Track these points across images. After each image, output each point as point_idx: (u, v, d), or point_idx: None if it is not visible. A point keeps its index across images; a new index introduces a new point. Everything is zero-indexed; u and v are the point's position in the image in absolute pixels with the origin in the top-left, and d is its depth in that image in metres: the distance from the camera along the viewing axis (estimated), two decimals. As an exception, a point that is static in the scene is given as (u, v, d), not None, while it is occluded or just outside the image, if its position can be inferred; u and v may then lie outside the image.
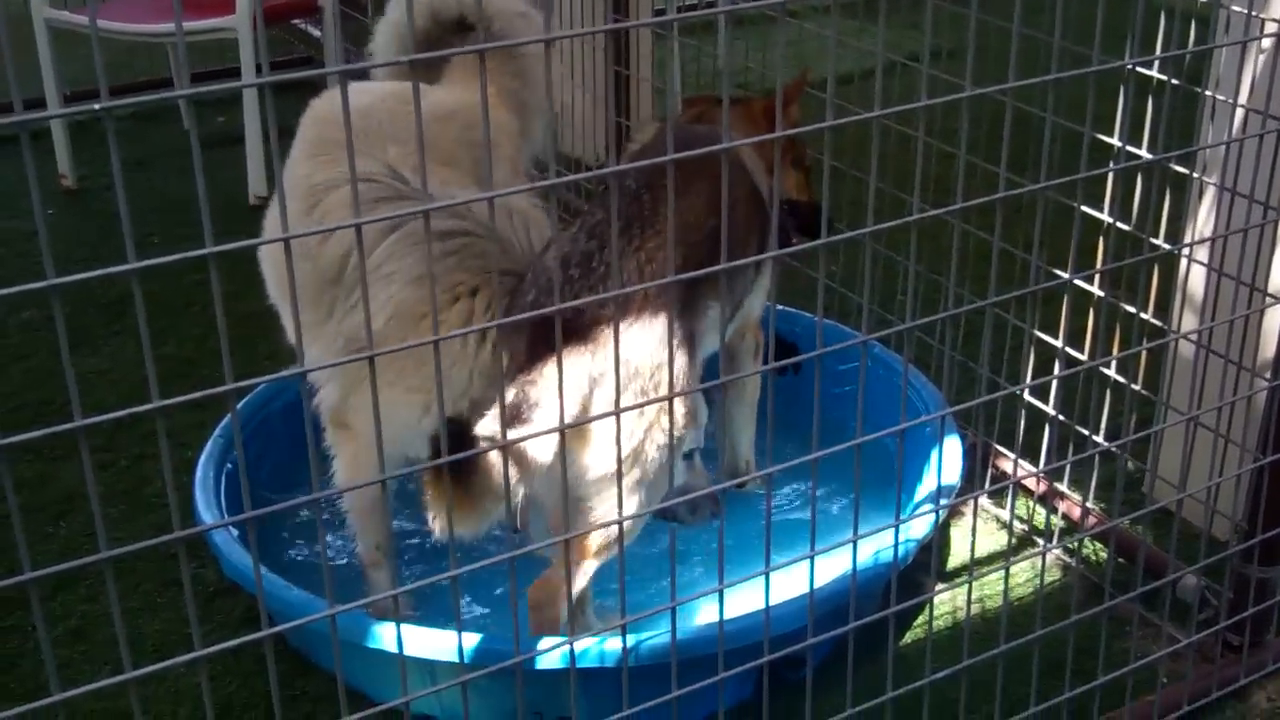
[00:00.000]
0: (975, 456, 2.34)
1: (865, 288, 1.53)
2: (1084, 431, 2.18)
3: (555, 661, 1.77)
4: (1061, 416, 2.21)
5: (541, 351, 1.73)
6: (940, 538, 2.38)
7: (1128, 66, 1.55)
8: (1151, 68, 1.89)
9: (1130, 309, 2.01)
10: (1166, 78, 1.52)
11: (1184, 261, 2.09)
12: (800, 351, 2.42)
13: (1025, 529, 2.42)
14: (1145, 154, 1.84)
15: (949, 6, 2.03)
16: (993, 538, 2.41)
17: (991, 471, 2.44)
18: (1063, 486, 2.38)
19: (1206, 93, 1.96)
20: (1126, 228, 1.96)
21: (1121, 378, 2.12)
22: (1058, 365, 2.12)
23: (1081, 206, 2.00)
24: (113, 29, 3.73)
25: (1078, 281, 2.07)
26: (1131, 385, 2.11)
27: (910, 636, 2.17)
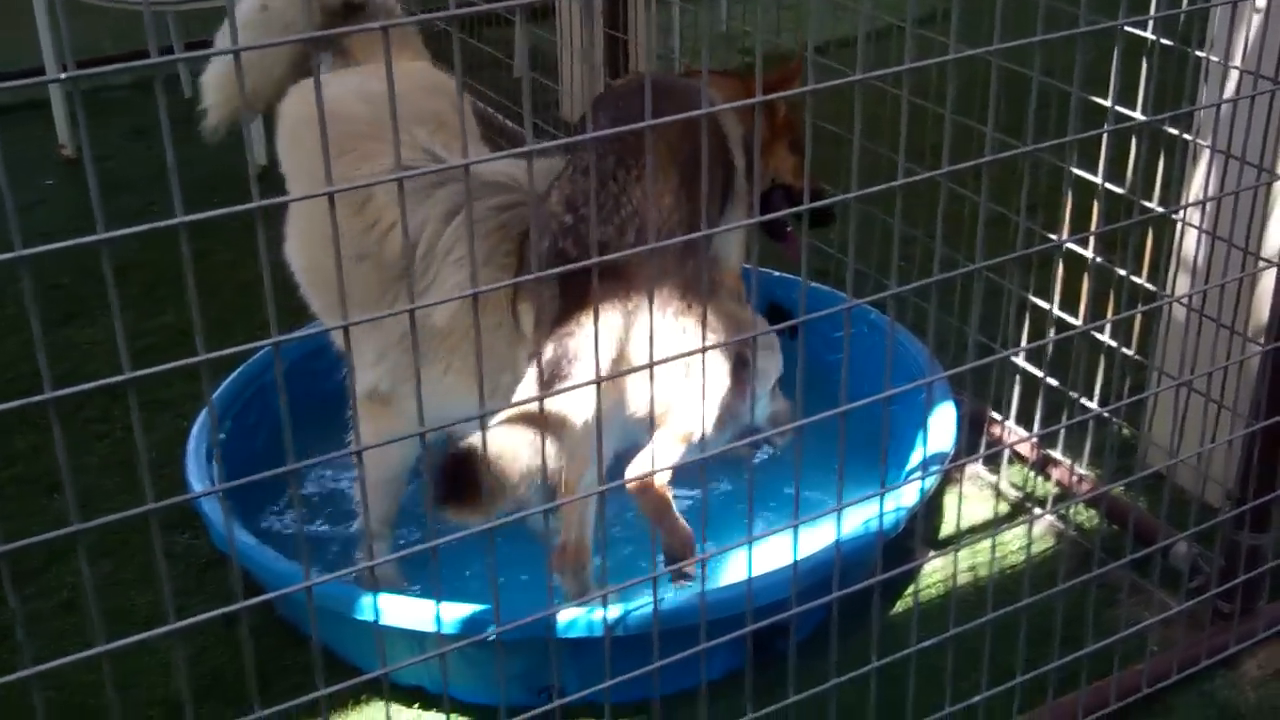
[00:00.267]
0: (968, 423, 2.33)
1: (850, 252, 1.51)
2: (1077, 397, 2.16)
3: (550, 631, 1.78)
4: (1054, 382, 2.20)
5: (572, 300, 1.69)
6: (935, 504, 2.37)
7: (1119, 27, 1.52)
8: (1145, 29, 1.86)
9: (1123, 272, 1.99)
10: (1156, 38, 1.49)
11: (1178, 225, 2.06)
12: (796, 316, 2.39)
13: (1019, 496, 2.41)
14: (1138, 116, 1.82)
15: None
16: (987, 504, 2.40)
17: (986, 438, 2.43)
18: (1056, 453, 2.36)
19: (1199, 54, 1.93)
20: (1120, 190, 1.93)
21: (1114, 342, 2.10)
22: (1051, 330, 2.10)
23: (1076, 169, 1.98)
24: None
25: (1071, 245, 2.05)
26: (1124, 350, 2.09)
27: (902, 605, 2.16)
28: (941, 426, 2.23)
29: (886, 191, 1.31)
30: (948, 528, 2.38)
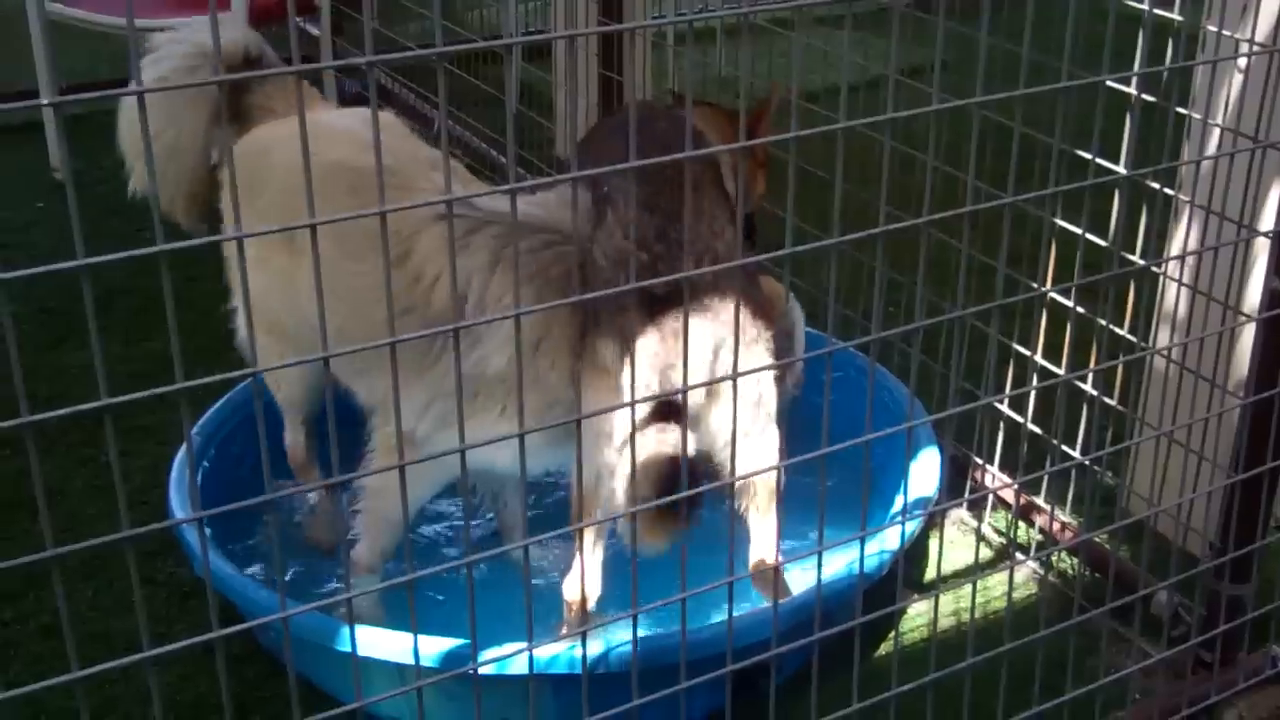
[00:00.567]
0: (952, 469, 2.35)
1: (830, 298, 1.53)
2: (1061, 446, 2.18)
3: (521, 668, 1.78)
4: (1038, 429, 2.22)
5: (658, 332, 1.75)
6: (918, 548, 2.38)
7: (1102, 83, 1.55)
8: (1129, 85, 1.90)
9: (1104, 322, 2.01)
10: (1138, 94, 1.52)
11: (1160, 279, 2.09)
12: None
13: (1002, 541, 2.42)
14: (1120, 169, 1.85)
15: (953, 24, 2.03)
16: (970, 550, 2.41)
17: (970, 484, 2.45)
18: (1039, 500, 2.38)
19: (1181, 110, 1.96)
20: (1103, 243, 1.96)
21: (1096, 392, 2.12)
22: (1034, 379, 2.12)
23: (1060, 221, 2.01)
24: (107, 23, 3.73)
25: (1055, 296, 2.08)
26: (1104, 400, 2.11)
27: (884, 648, 2.17)
28: (925, 471, 2.24)
29: (871, 237, 1.33)
30: (930, 572, 2.39)
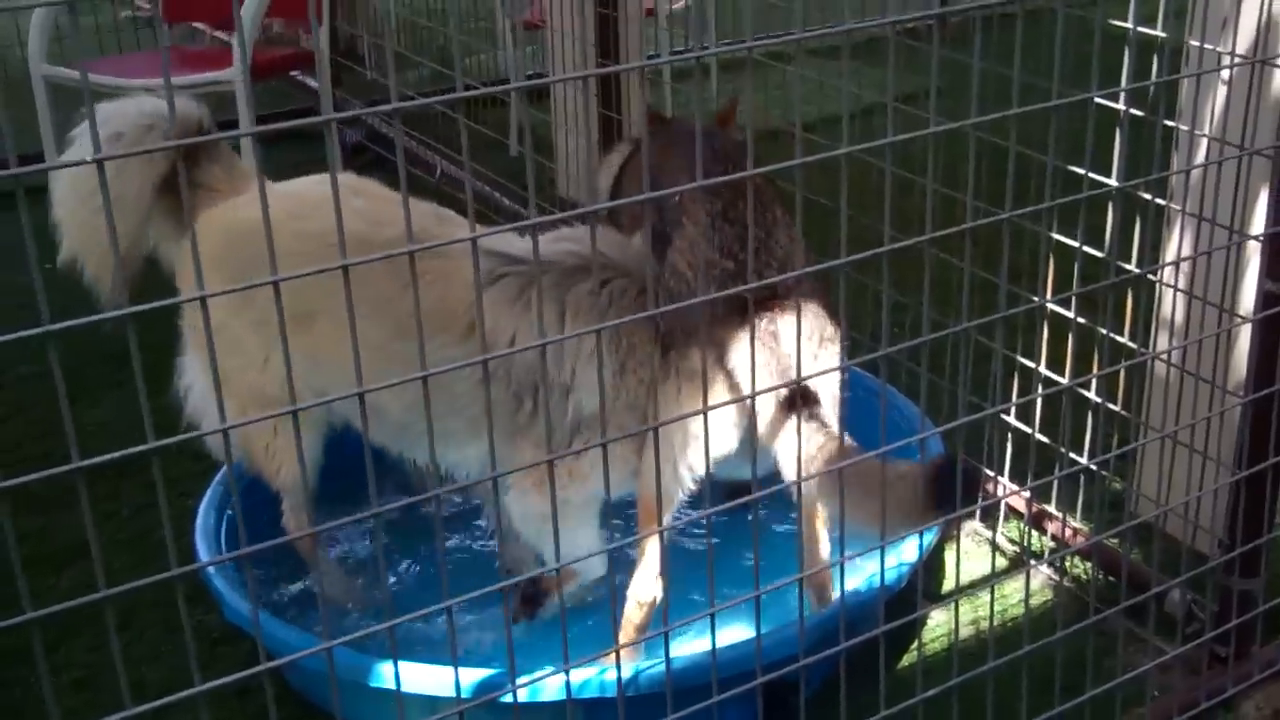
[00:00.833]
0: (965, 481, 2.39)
1: (842, 316, 1.58)
2: (1066, 452, 2.22)
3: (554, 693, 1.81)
4: (1045, 439, 2.27)
5: (766, 335, 1.84)
6: (935, 560, 2.42)
7: (1091, 100, 1.61)
8: (1117, 100, 1.96)
9: (1105, 331, 2.06)
10: (1127, 108, 1.58)
11: (1158, 286, 2.15)
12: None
13: (1016, 550, 2.46)
14: (1104, 179, 1.91)
15: (948, 52, 2.10)
16: (985, 559, 2.45)
17: (982, 496, 2.49)
18: (1051, 508, 2.42)
19: (1169, 123, 2.03)
20: (1099, 254, 2.02)
21: (1100, 399, 2.17)
22: (1039, 389, 2.17)
23: (1056, 235, 2.07)
24: (106, 83, 3.80)
25: (1055, 307, 2.13)
26: (1108, 406, 2.16)
27: (907, 659, 2.20)
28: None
29: (875, 259, 1.38)
30: (948, 583, 2.42)
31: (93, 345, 3.30)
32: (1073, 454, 2.21)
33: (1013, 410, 2.33)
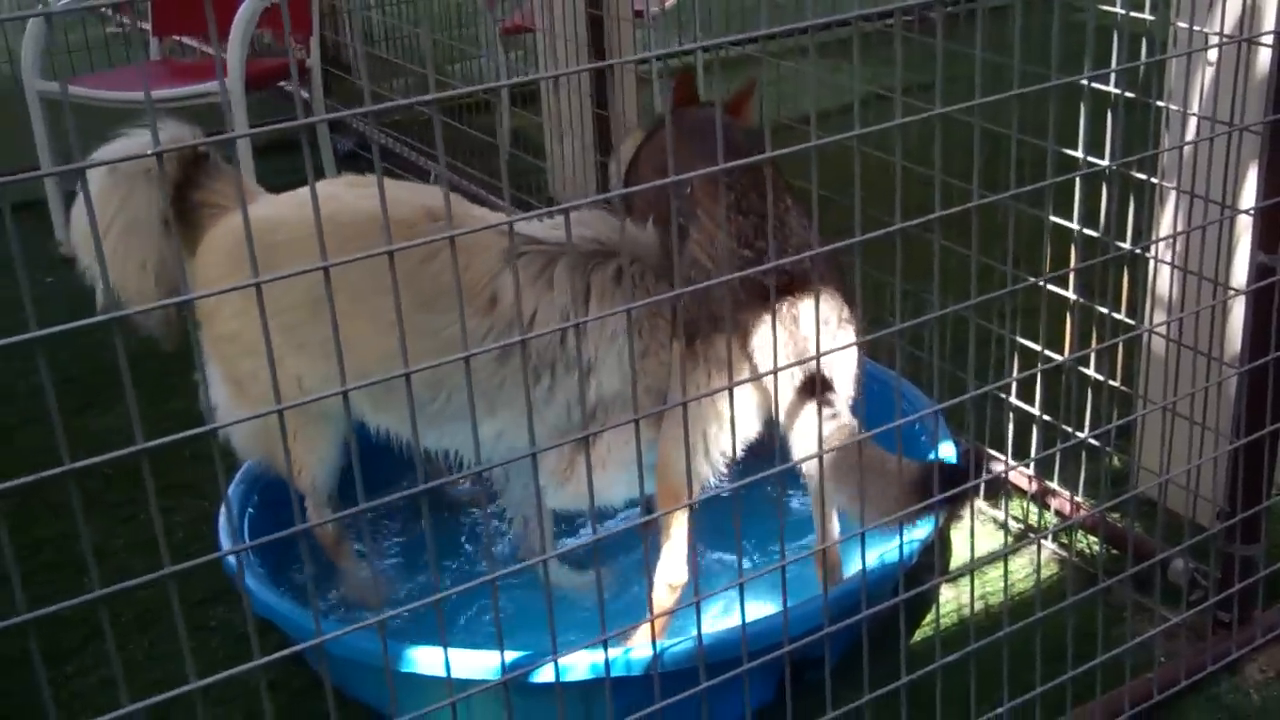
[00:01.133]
0: (969, 460, 2.44)
1: (858, 298, 1.63)
2: (1069, 429, 2.29)
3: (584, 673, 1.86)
4: (1047, 417, 2.33)
5: (786, 318, 1.88)
6: (942, 540, 2.48)
7: (1084, 82, 1.68)
8: (1108, 83, 2.03)
9: (1104, 310, 2.13)
10: (1121, 91, 1.65)
11: (1151, 262, 2.21)
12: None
13: (1022, 527, 2.52)
14: (1099, 161, 1.98)
15: (934, 42, 2.16)
16: (991, 537, 2.50)
17: (986, 474, 2.55)
18: (1054, 484, 2.48)
19: (1160, 103, 2.10)
20: (1094, 234, 2.08)
21: (1100, 375, 2.23)
22: (1041, 369, 2.23)
23: (1055, 219, 2.14)
24: (100, 97, 3.83)
25: (1053, 287, 2.20)
26: (1109, 383, 2.22)
27: (920, 634, 2.26)
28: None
29: (885, 245, 1.44)
30: (956, 561, 2.48)
31: (103, 354, 3.34)
32: (1075, 431, 2.27)
33: (1013, 389, 2.39)
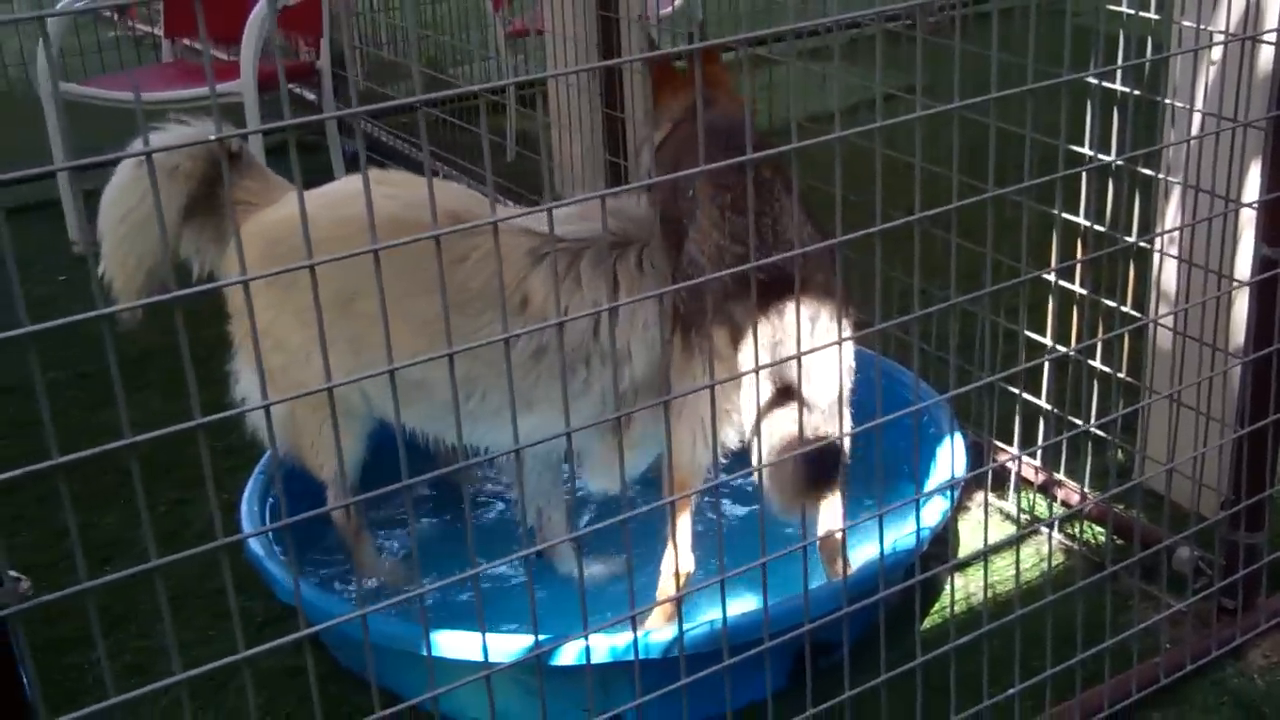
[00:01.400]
0: (977, 455, 2.49)
1: (877, 296, 1.67)
2: (1075, 421, 2.33)
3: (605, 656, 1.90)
4: (1054, 409, 2.37)
5: (770, 315, 1.92)
6: (950, 530, 2.52)
7: (1091, 79, 1.73)
8: (1114, 80, 2.08)
9: (1110, 303, 2.18)
10: (1130, 90, 1.69)
11: (1156, 256, 2.26)
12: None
13: (1028, 517, 2.56)
14: (1106, 158, 2.03)
15: (938, 43, 2.21)
16: (998, 528, 2.54)
17: (994, 466, 2.59)
18: (1060, 475, 2.52)
19: (1165, 101, 2.14)
20: (1101, 228, 2.13)
21: (1107, 367, 2.28)
22: (1046, 360, 2.28)
23: (1066, 215, 2.19)
24: (118, 98, 3.88)
25: (1062, 283, 2.24)
26: (1115, 374, 2.27)
27: (928, 623, 2.30)
28: (952, 454, 2.39)
29: (896, 241, 1.49)
30: (963, 551, 2.52)
31: (120, 351, 3.37)
32: (1080, 421, 2.32)
33: (1022, 382, 2.43)
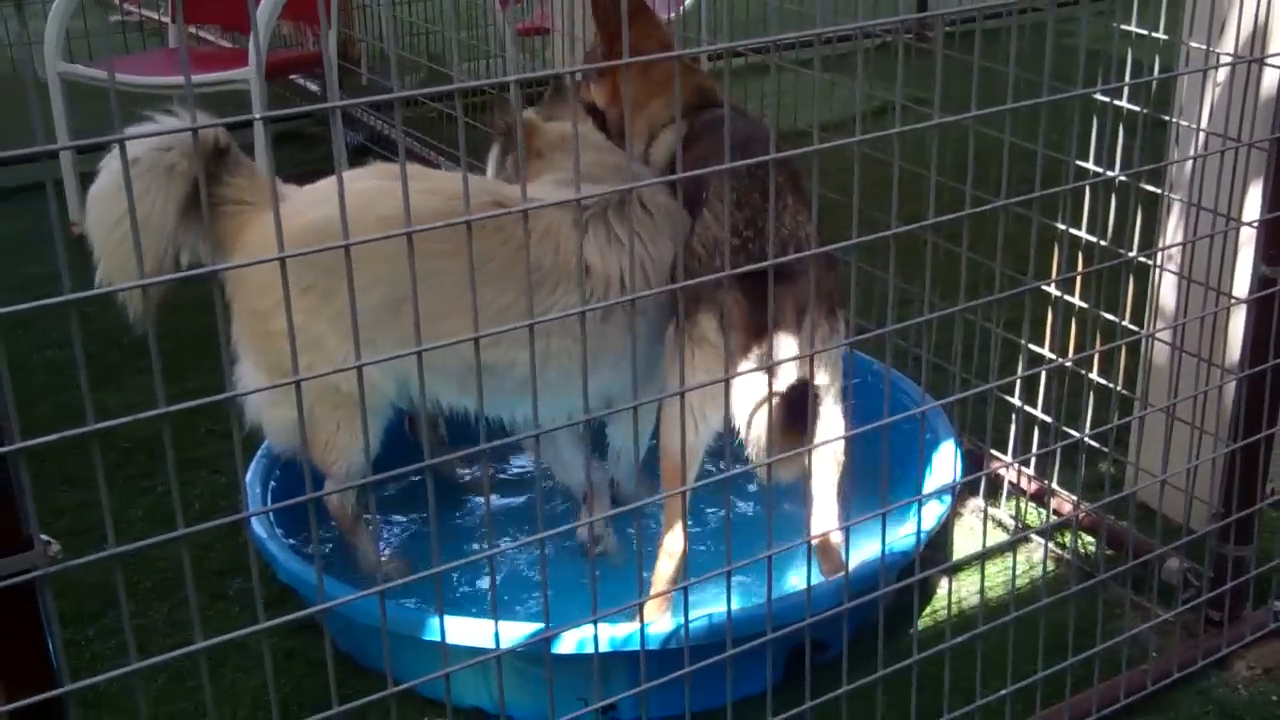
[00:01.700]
0: (971, 463, 2.53)
1: (890, 295, 1.70)
2: (1070, 431, 2.36)
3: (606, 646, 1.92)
4: (1048, 418, 2.41)
5: (755, 304, 1.95)
6: (943, 536, 2.55)
7: (1097, 96, 1.76)
8: (1121, 97, 2.12)
9: (1110, 317, 2.22)
10: (1142, 110, 1.73)
11: (1158, 271, 2.30)
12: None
13: (1021, 526, 2.59)
14: (1110, 173, 2.07)
15: (957, 56, 2.24)
16: (991, 535, 2.58)
17: (988, 474, 2.63)
18: (1054, 484, 2.56)
19: (1170, 119, 2.19)
20: (1104, 243, 2.17)
21: (1104, 379, 2.32)
22: (1045, 371, 2.32)
23: (1072, 230, 2.23)
24: (127, 81, 3.88)
25: (1059, 292, 2.28)
26: (1109, 385, 2.31)
27: (926, 622, 2.33)
28: (946, 460, 2.42)
29: (922, 229, 1.52)
30: (956, 556, 2.55)
31: (116, 333, 3.38)
32: (1075, 431, 2.35)
33: (1017, 391, 2.47)
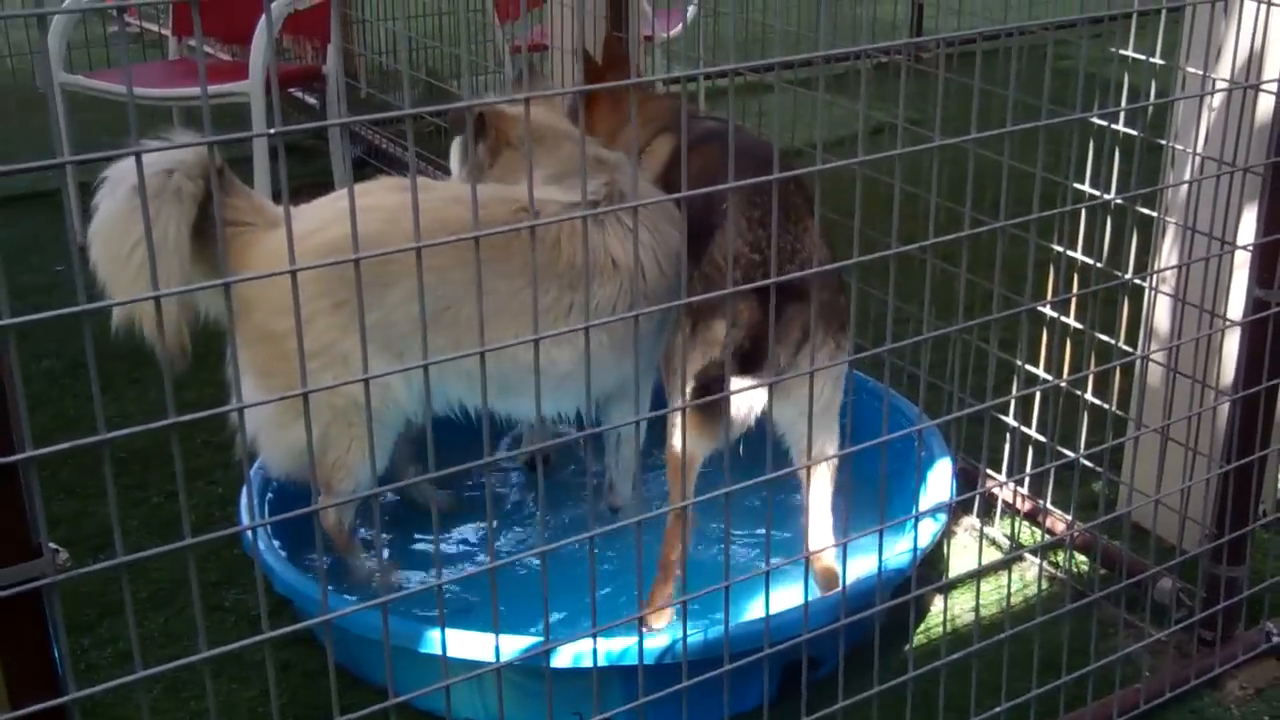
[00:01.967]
0: (965, 482, 2.54)
1: (888, 307, 1.72)
2: (1065, 451, 2.38)
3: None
4: (1042, 437, 2.42)
5: (763, 315, 2.03)
6: (937, 554, 2.55)
7: (1094, 119, 1.79)
8: (1118, 121, 2.14)
9: (1106, 339, 2.24)
10: (1135, 132, 1.75)
11: (1152, 293, 2.32)
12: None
13: (1014, 545, 2.61)
14: (1106, 196, 2.09)
15: (955, 79, 2.27)
16: (985, 554, 2.59)
17: (983, 493, 2.64)
18: (1048, 504, 2.57)
19: (1166, 143, 2.21)
20: (1099, 264, 2.19)
21: (1098, 400, 2.33)
22: (1040, 391, 2.33)
23: (1070, 252, 2.25)
24: (111, 90, 3.89)
25: (1054, 314, 2.30)
26: (1103, 405, 2.32)
27: (920, 639, 2.33)
28: (941, 478, 2.43)
29: (921, 249, 1.53)
30: (952, 573, 2.56)
31: (115, 344, 3.39)
32: (1069, 451, 2.37)
33: (1012, 412, 2.49)
